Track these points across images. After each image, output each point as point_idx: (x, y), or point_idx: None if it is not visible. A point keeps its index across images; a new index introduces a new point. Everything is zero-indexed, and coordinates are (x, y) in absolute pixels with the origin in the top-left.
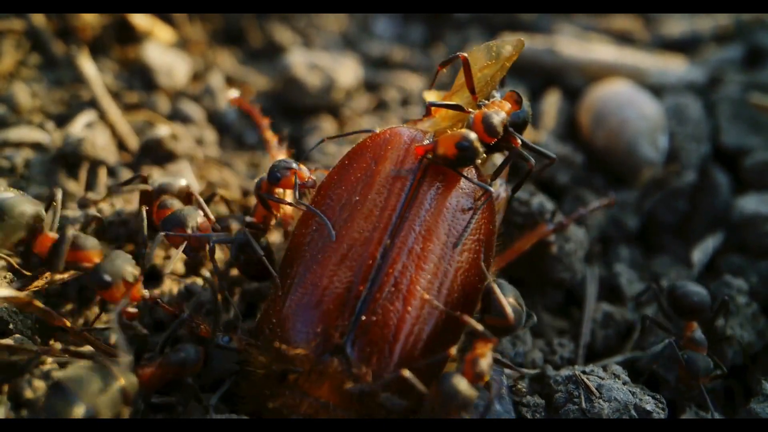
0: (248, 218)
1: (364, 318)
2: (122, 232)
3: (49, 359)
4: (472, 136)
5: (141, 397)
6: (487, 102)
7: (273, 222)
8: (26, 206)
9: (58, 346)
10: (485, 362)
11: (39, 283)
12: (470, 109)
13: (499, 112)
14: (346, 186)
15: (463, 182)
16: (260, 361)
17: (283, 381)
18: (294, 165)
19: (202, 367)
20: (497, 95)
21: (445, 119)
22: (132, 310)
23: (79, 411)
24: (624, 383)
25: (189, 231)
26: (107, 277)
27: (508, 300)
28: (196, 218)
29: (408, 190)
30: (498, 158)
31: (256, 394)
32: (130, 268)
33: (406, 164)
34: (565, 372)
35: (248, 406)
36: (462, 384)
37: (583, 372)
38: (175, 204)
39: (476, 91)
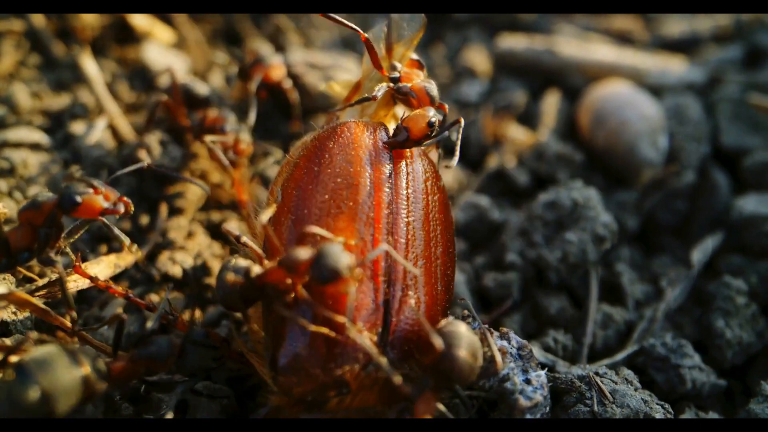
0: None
1: (393, 319)
2: None
3: None
4: (432, 111)
5: (114, 391)
6: (398, 74)
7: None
8: None
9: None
10: None
11: (40, 283)
12: (378, 92)
13: (430, 81)
14: (330, 193)
15: (424, 162)
16: (294, 392)
17: (323, 407)
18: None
19: (175, 361)
20: (398, 66)
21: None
22: (120, 209)
23: (33, 395)
24: (636, 389)
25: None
26: (78, 198)
27: (460, 352)
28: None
29: (391, 186)
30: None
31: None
32: (89, 183)
33: (378, 158)
34: (576, 371)
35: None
36: None
37: (596, 374)
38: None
39: (383, 68)
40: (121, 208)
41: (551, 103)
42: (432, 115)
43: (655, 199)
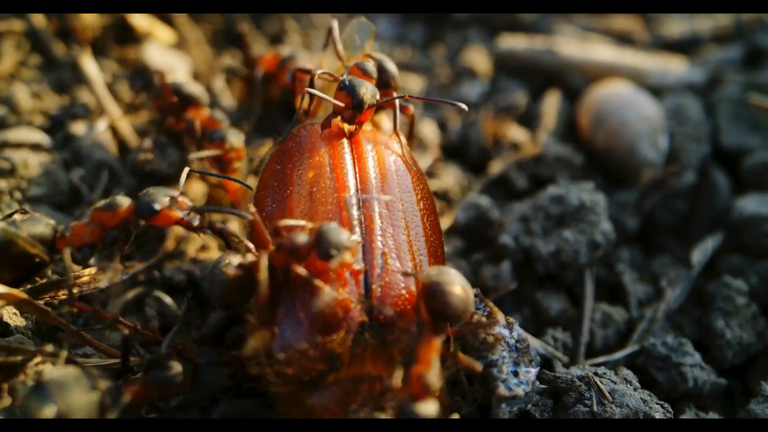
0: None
1: (374, 287)
2: None
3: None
4: (344, 77)
5: (125, 415)
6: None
7: None
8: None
9: (50, 348)
10: (433, 374)
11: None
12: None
13: (366, 58)
14: (294, 186)
15: (389, 141)
16: (287, 377)
17: (321, 384)
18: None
19: (191, 385)
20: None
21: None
22: (195, 222)
23: (49, 413)
24: (635, 389)
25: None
26: (157, 206)
27: (452, 286)
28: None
29: (355, 167)
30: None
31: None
32: (167, 192)
33: (335, 145)
34: (576, 371)
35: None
36: (423, 410)
37: (596, 374)
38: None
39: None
40: (196, 221)
41: (551, 104)
42: (343, 79)
43: (655, 199)
